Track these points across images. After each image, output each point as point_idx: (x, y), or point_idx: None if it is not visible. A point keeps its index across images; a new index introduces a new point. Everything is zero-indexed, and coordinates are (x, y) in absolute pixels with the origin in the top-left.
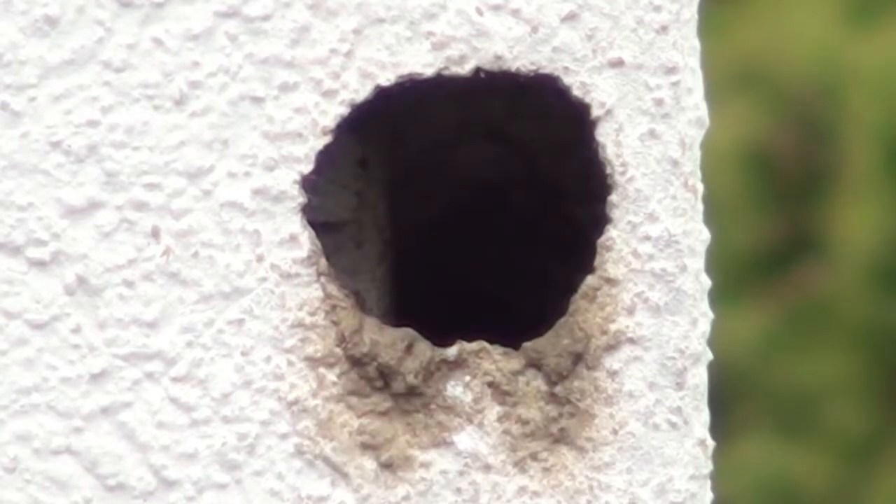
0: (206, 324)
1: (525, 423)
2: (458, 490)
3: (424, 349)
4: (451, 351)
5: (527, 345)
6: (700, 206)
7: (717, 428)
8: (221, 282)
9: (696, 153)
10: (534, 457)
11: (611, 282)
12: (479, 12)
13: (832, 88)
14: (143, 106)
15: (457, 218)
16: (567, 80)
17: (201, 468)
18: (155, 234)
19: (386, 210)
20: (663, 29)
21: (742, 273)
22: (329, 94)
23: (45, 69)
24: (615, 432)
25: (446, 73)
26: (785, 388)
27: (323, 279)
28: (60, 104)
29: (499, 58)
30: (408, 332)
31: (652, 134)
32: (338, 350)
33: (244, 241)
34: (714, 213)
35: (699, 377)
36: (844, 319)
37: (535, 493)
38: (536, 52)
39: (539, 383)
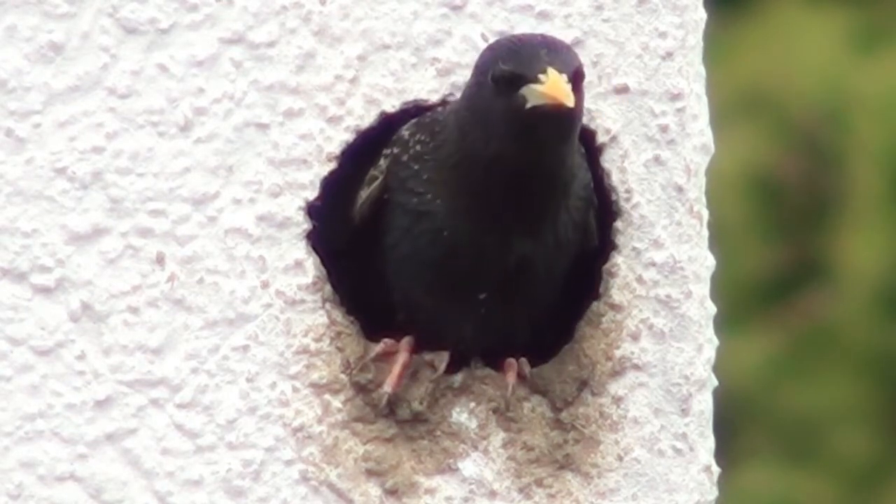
0: (211, 350)
1: (530, 449)
2: None
3: (429, 375)
4: (456, 377)
5: (532, 371)
6: (705, 233)
7: (722, 454)
8: (226, 308)
9: (702, 179)
10: (539, 483)
11: (616, 308)
12: (485, 39)
13: (837, 115)
14: (148, 132)
15: None
16: None
17: (206, 495)
18: (160, 260)
19: None
20: (668, 55)
21: (747, 299)
22: (334, 120)
23: (50, 95)
24: (620, 458)
25: (452, 99)
26: (790, 414)
27: (328, 305)
28: (65, 130)
29: None
30: (413, 358)
31: (657, 160)
32: (343, 376)
33: (249, 267)
34: (719, 240)
35: (704, 403)
36: (850, 346)
37: None
38: None
39: (544, 409)
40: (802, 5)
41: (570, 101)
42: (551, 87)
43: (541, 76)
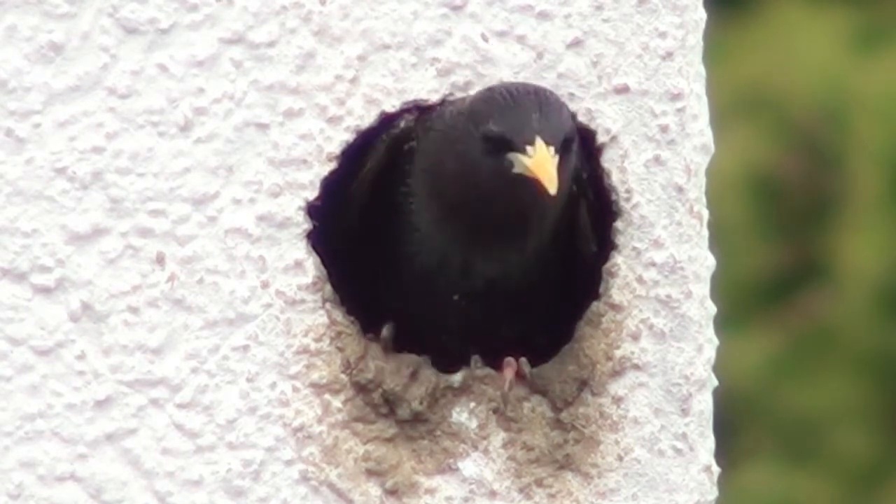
0: (211, 350)
1: (530, 449)
2: None
3: (429, 375)
4: (457, 377)
5: (532, 371)
6: (705, 233)
7: (722, 454)
8: (226, 308)
9: (702, 179)
10: (539, 483)
11: (616, 308)
12: (485, 38)
13: (837, 115)
14: (148, 132)
15: None
16: (572, 106)
17: (206, 494)
18: (160, 260)
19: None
20: (669, 55)
21: (747, 299)
22: (334, 120)
23: (50, 95)
24: (620, 458)
25: (451, 99)
26: (790, 414)
27: (328, 305)
28: (65, 130)
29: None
30: (413, 359)
31: (657, 160)
32: (343, 376)
33: (249, 267)
34: (719, 240)
35: (704, 403)
36: (850, 346)
37: None
38: (541, 79)
39: (544, 409)
40: (802, 5)
41: (552, 188)
42: (537, 165)
43: (528, 148)
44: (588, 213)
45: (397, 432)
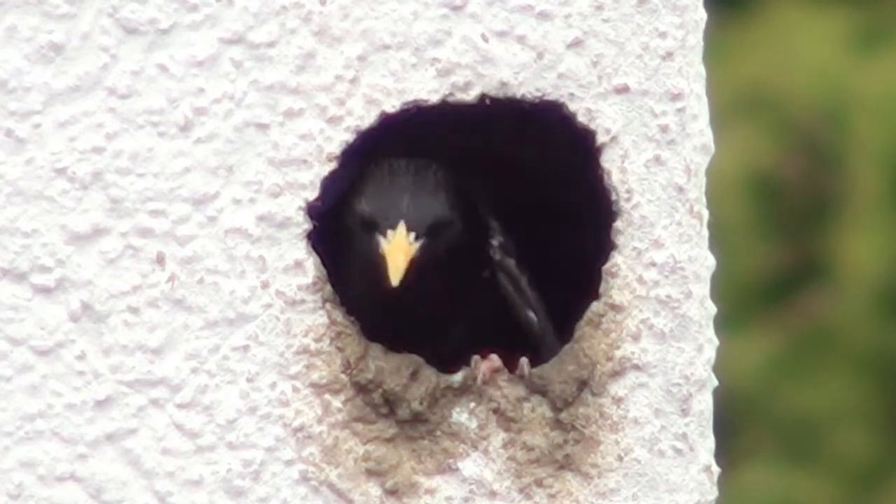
0: (212, 350)
1: (530, 449)
2: None
3: (429, 375)
4: (457, 377)
5: (532, 371)
6: (705, 233)
7: (722, 454)
8: (226, 308)
9: (702, 179)
10: (539, 483)
11: (616, 308)
12: (485, 39)
13: (837, 115)
14: (148, 132)
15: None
16: (572, 106)
17: (206, 494)
18: (160, 260)
19: None
20: (669, 55)
21: (747, 299)
22: (334, 120)
23: (50, 95)
24: (620, 459)
25: (451, 99)
26: (790, 414)
27: (328, 305)
28: (65, 131)
29: (504, 84)
30: (413, 359)
31: (657, 160)
32: (343, 376)
33: (249, 267)
34: (719, 240)
35: (704, 403)
36: (850, 346)
37: None
38: (542, 79)
39: (544, 410)
40: (802, 6)
41: (394, 278)
42: (390, 250)
43: (389, 232)
44: (516, 282)
45: (397, 432)
